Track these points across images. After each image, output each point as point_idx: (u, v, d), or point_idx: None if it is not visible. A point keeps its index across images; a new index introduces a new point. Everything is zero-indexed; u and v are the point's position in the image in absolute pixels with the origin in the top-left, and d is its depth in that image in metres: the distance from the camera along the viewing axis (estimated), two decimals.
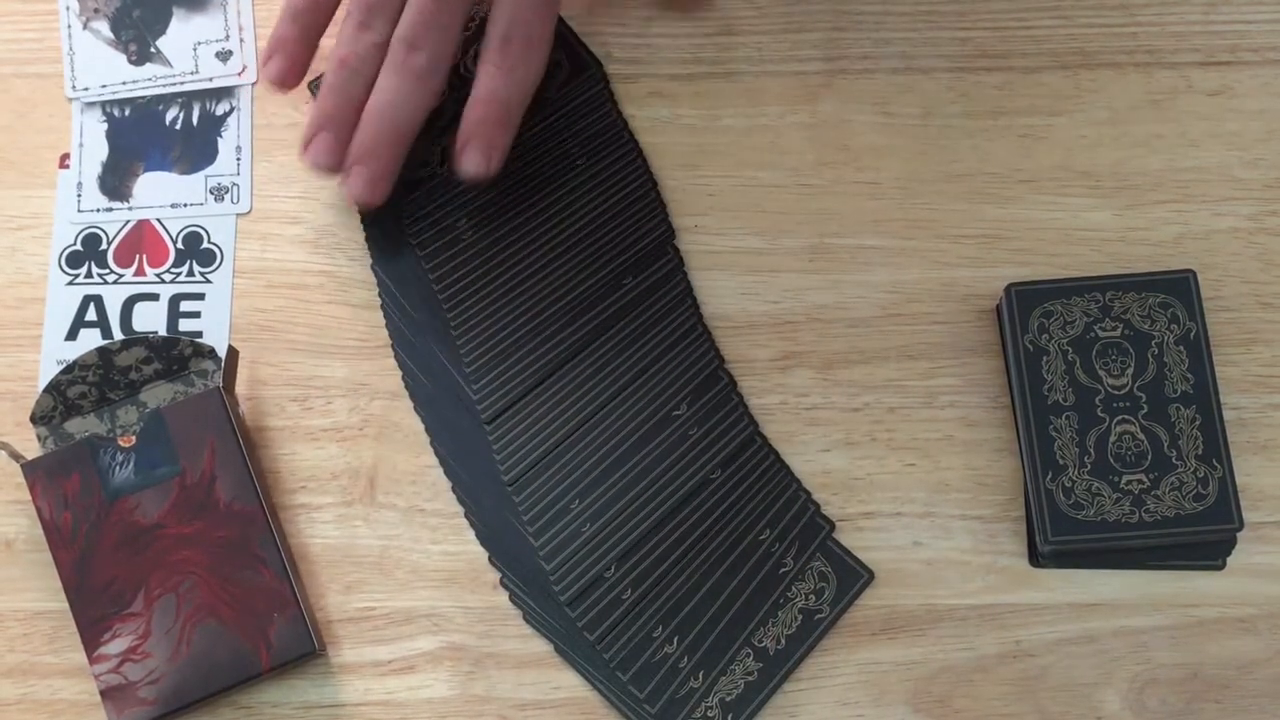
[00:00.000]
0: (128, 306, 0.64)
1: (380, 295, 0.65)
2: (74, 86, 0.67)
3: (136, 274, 0.65)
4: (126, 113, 0.67)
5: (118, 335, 0.64)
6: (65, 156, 0.66)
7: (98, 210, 0.66)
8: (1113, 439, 0.59)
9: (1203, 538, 0.59)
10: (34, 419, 0.61)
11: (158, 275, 0.65)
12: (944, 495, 0.62)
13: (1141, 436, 0.59)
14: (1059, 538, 0.58)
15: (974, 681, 0.60)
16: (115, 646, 0.58)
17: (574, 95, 0.66)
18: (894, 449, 0.62)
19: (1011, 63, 0.67)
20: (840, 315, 0.64)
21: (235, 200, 0.66)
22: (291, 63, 0.62)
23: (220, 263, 0.65)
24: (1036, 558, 0.60)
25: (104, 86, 0.67)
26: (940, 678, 0.60)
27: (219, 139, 0.66)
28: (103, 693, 0.58)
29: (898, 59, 0.67)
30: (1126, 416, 0.59)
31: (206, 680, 0.58)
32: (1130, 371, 0.60)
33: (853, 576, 0.61)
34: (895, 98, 0.66)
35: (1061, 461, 0.59)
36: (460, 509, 0.62)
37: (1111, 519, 0.58)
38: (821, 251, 0.65)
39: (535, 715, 0.60)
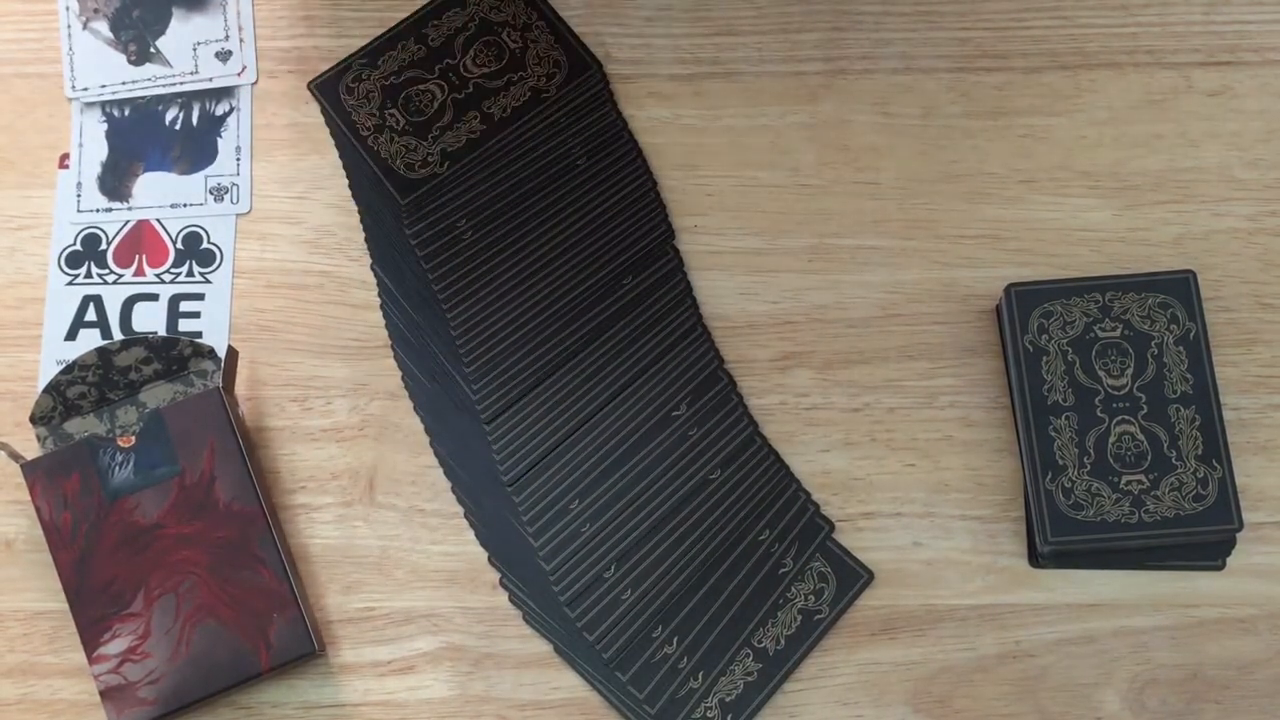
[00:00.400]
0: (127, 307, 0.64)
1: (380, 295, 0.65)
2: (74, 86, 0.67)
3: (136, 274, 0.65)
4: (126, 113, 0.67)
5: (117, 335, 0.64)
6: (65, 156, 0.66)
7: (97, 210, 0.66)
8: (1112, 439, 0.59)
9: (1202, 538, 0.59)
10: (34, 419, 0.61)
11: (157, 275, 0.65)
12: (944, 495, 0.62)
13: (1141, 437, 0.59)
14: (1059, 538, 0.58)
15: (974, 681, 0.60)
16: (115, 646, 0.58)
17: (574, 95, 0.66)
18: (894, 449, 0.62)
19: (1011, 63, 0.67)
20: (840, 315, 0.64)
21: (235, 200, 0.66)
22: None
23: (220, 263, 0.65)
24: (1036, 558, 0.60)
25: (104, 86, 0.67)
26: (940, 678, 0.60)
27: (219, 139, 0.66)
28: (102, 693, 0.58)
29: (898, 59, 0.67)
30: (1126, 417, 0.59)
31: (206, 680, 0.58)
32: (1130, 372, 0.60)
33: (852, 577, 0.61)
34: (895, 98, 0.66)
35: (1061, 462, 0.59)
36: (460, 509, 0.62)
37: (1111, 519, 0.58)
38: (821, 251, 0.65)
39: (535, 715, 0.60)
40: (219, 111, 0.67)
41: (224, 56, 0.67)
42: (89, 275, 0.65)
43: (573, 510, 0.61)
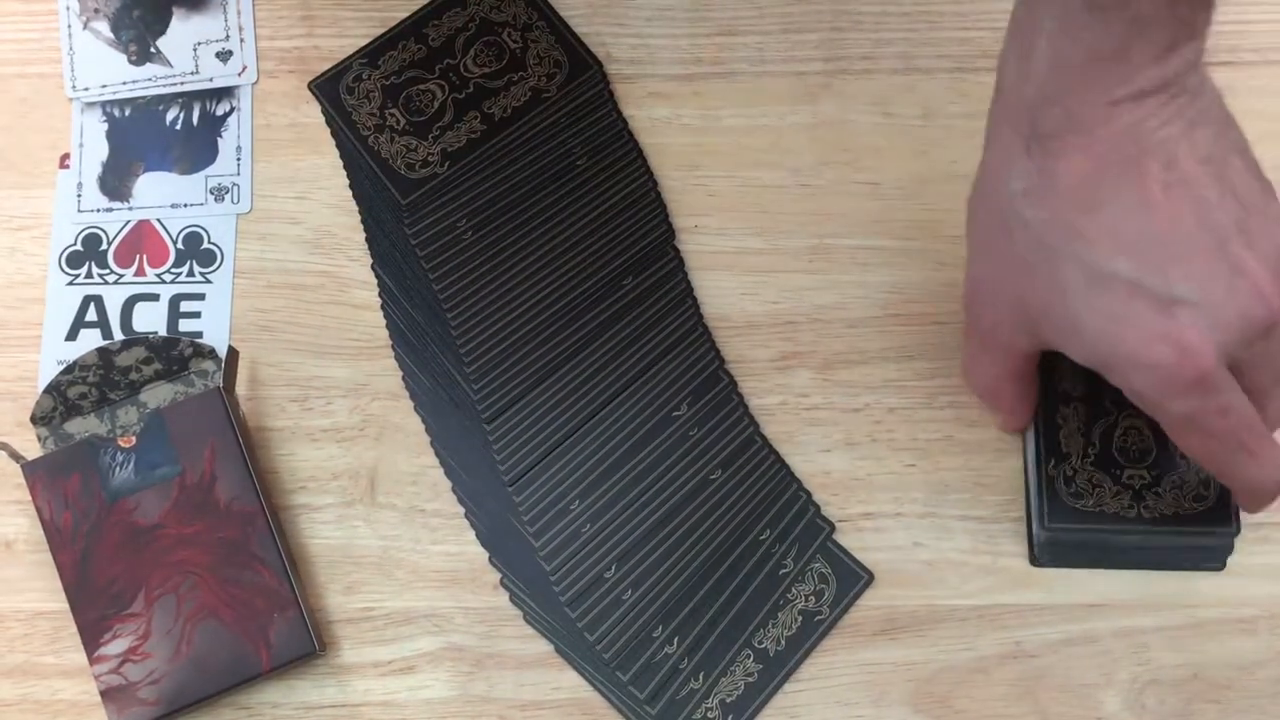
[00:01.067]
0: (128, 307, 0.64)
1: (380, 295, 0.65)
2: (74, 86, 0.67)
3: (137, 274, 0.65)
4: (126, 113, 0.67)
5: (118, 335, 0.64)
6: (65, 156, 0.66)
7: (98, 210, 0.66)
8: (1119, 433, 0.59)
9: (1199, 540, 0.58)
10: (34, 419, 0.61)
11: (158, 275, 0.65)
12: (944, 495, 0.62)
13: (1148, 433, 0.59)
14: (1056, 524, 0.58)
15: (974, 682, 0.60)
16: (115, 647, 0.58)
17: (574, 96, 0.66)
18: (894, 449, 0.62)
19: None
20: (840, 315, 0.64)
21: (235, 200, 0.66)
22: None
23: (220, 263, 0.65)
24: (1034, 553, 0.60)
25: (104, 86, 0.67)
26: (940, 678, 0.60)
27: (219, 139, 0.66)
28: (103, 693, 0.58)
29: (898, 59, 0.67)
30: (1134, 411, 0.59)
31: (206, 680, 0.58)
32: None
33: (852, 578, 0.61)
34: (895, 98, 0.66)
35: (1066, 450, 0.59)
36: (460, 509, 0.62)
37: (1110, 511, 0.58)
38: (821, 251, 0.65)
39: (535, 715, 0.60)
40: (219, 111, 0.67)
41: (224, 56, 0.67)
42: (89, 275, 0.65)
43: (573, 510, 0.61)
